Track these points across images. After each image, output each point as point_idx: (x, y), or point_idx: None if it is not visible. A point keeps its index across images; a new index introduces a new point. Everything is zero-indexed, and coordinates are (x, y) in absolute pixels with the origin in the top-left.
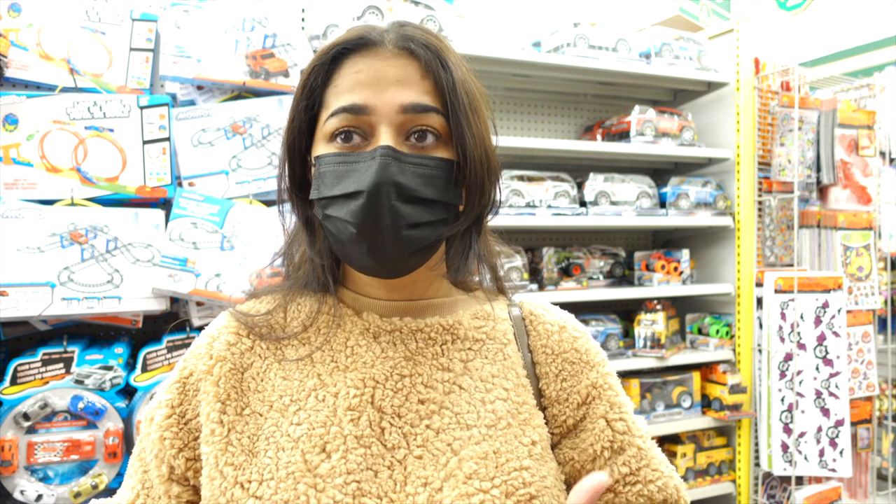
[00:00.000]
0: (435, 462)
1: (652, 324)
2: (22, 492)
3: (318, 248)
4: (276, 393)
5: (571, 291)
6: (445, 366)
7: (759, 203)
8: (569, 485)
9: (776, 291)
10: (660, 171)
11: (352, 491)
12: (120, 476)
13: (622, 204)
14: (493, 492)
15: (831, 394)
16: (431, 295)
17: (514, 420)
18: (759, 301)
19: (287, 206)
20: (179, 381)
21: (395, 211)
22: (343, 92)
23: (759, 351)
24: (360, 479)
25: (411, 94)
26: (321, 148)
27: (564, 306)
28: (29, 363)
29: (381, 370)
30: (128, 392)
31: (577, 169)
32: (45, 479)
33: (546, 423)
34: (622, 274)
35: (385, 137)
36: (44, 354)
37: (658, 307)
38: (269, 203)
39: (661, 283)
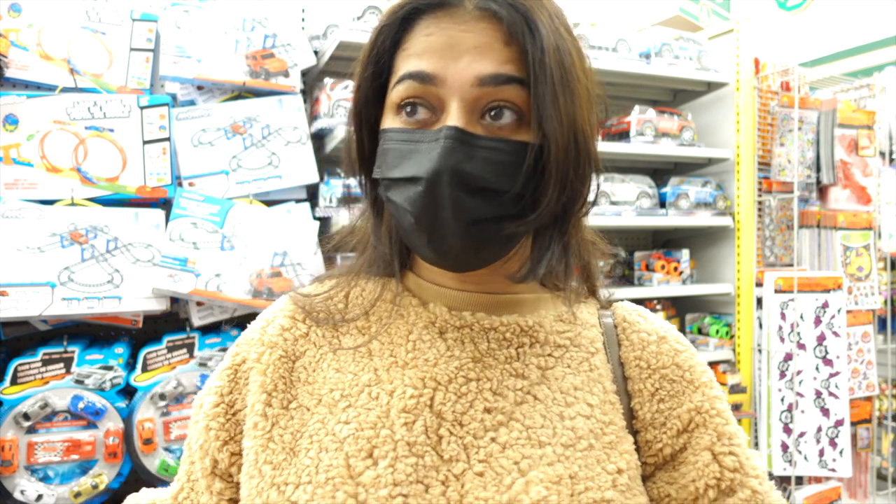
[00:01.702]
0: (498, 482)
1: None
2: (22, 492)
3: (384, 228)
4: (327, 386)
5: None
6: (520, 372)
7: (759, 203)
8: None
9: (776, 291)
10: (660, 171)
11: None
12: (120, 476)
13: (622, 204)
14: None
15: (831, 394)
16: (511, 289)
17: (597, 442)
18: (759, 301)
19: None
20: (231, 367)
21: (458, 203)
22: (411, 56)
23: (759, 351)
24: (408, 493)
25: (490, 64)
26: (388, 120)
27: None
28: (29, 363)
29: (444, 370)
30: (128, 392)
31: None
32: (45, 479)
33: (637, 450)
34: (622, 274)
35: (454, 115)
36: (44, 354)
37: (658, 307)
38: (269, 203)
39: (661, 283)
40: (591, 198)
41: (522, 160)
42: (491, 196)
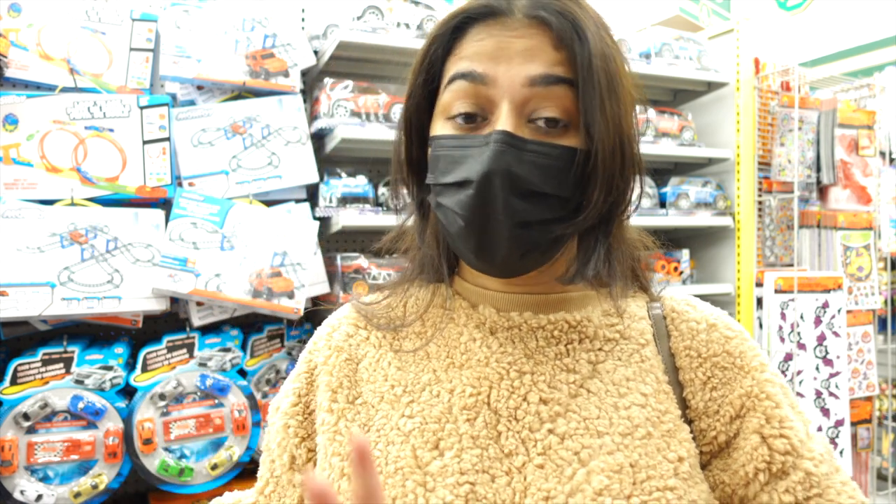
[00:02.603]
0: (559, 473)
1: None
2: (22, 492)
3: (431, 233)
4: (389, 383)
5: None
6: (570, 367)
7: (759, 203)
8: None
9: (776, 291)
10: (660, 171)
11: (464, 493)
12: (120, 476)
13: None
14: None
15: (831, 394)
16: (557, 289)
17: (655, 430)
18: (759, 301)
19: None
20: (308, 371)
21: (509, 205)
22: (463, 59)
23: None
24: (475, 480)
25: (540, 65)
26: (439, 127)
27: None
28: (29, 363)
29: (495, 369)
30: (128, 392)
31: None
32: (45, 479)
33: (693, 439)
34: None
35: (504, 119)
36: (44, 354)
37: None
38: (269, 203)
39: (661, 284)
40: (633, 199)
41: (569, 164)
42: (539, 199)
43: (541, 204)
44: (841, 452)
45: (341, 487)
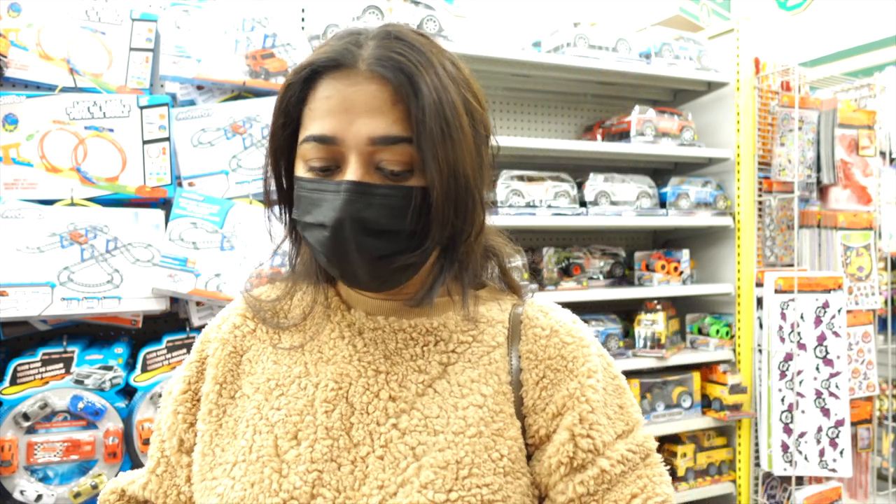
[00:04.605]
0: (395, 465)
1: (652, 324)
2: (22, 492)
3: (307, 251)
4: (265, 376)
5: (571, 291)
6: (422, 368)
7: (759, 203)
8: (541, 500)
9: (776, 291)
10: (660, 171)
11: (312, 480)
12: None
13: (622, 204)
14: None
15: (831, 394)
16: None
17: (486, 429)
18: (760, 301)
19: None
20: (199, 360)
21: (361, 244)
22: (316, 118)
23: (760, 351)
24: (323, 469)
25: (380, 125)
26: (300, 168)
27: (564, 306)
28: (29, 363)
29: (356, 366)
30: (128, 392)
31: (577, 169)
32: (44, 479)
33: (523, 434)
34: (622, 274)
35: (352, 169)
36: (44, 354)
37: (658, 307)
38: None
39: (661, 283)
40: (479, 224)
41: (415, 202)
42: (387, 236)
43: (389, 239)
44: (841, 452)
45: (216, 474)
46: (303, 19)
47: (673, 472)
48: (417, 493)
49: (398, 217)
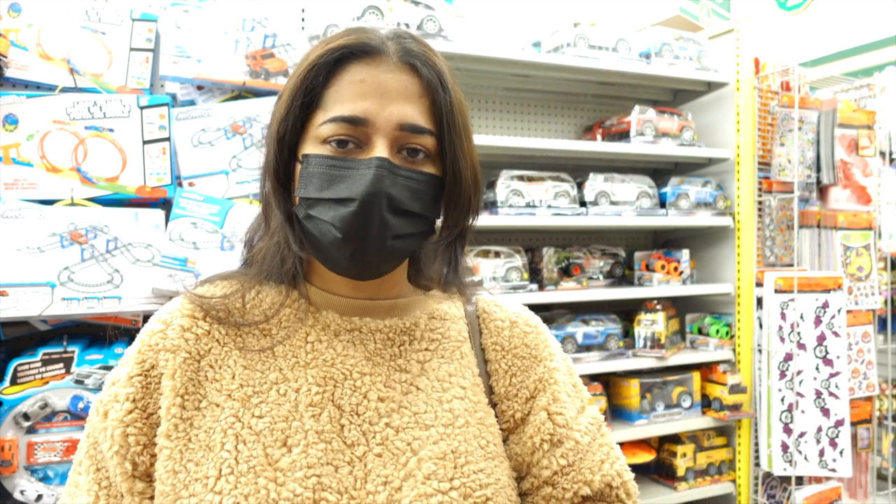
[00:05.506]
0: (395, 461)
1: (652, 324)
2: (22, 492)
3: (286, 242)
4: (237, 382)
5: (571, 291)
6: (403, 367)
7: (759, 203)
8: (517, 481)
9: (776, 291)
10: (660, 171)
11: (312, 485)
12: None
13: (622, 204)
14: (452, 493)
15: (831, 394)
16: (394, 295)
17: (471, 418)
18: (759, 301)
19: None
20: (141, 373)
21: (385, 221)
22: (345, 100)
23: (759, 351)
24: (321, 473)
25: (411, 114)
26: (311, 147)
27: (564, 306)
28: (29, 363)
29: (340, 369)
30: None
31: (577, 169)
32: (45, 479)
33: (497, 420)
34: (622, 274)
35: (381, 149)
36: (44, 354)
37: (658, 307)
38: None
39: (661, 283)
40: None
41: (432, 189)
42: (407, 216)
43: (410, 220)
44: (841, 452)
45: (196, 489)
46: (303, 19)
47: (673, 472)
48: (422, 484)
49: (418, 200)
